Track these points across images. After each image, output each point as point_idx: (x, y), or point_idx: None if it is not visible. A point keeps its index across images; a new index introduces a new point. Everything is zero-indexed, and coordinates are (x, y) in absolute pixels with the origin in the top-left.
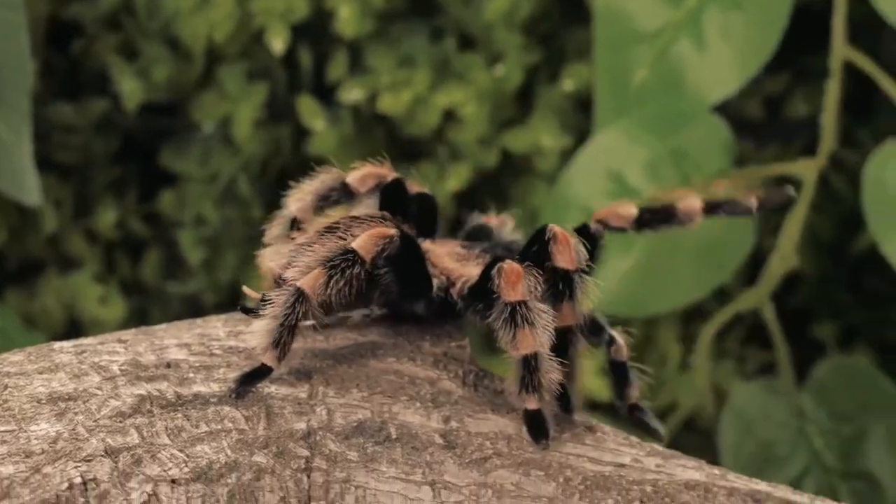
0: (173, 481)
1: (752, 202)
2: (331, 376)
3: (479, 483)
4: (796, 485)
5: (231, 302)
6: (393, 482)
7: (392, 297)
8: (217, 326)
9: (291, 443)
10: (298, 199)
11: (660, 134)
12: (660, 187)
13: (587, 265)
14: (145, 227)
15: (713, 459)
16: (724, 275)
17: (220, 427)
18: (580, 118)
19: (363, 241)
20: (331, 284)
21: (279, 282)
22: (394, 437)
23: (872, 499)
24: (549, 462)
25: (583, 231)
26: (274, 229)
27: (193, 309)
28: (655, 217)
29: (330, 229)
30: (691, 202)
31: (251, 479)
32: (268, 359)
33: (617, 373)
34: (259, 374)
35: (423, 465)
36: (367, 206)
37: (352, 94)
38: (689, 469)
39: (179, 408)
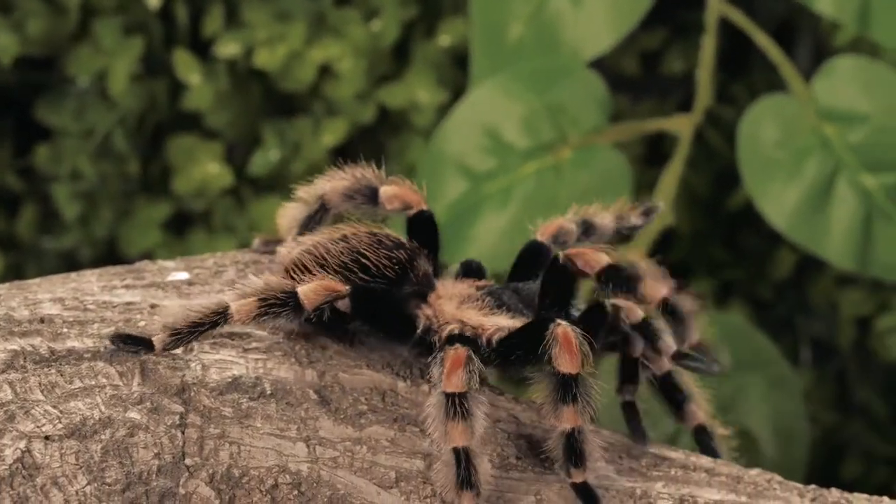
0: (47, 438)
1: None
2: None
3: (354, 439)
4: (673, 441)
5: (107, 257)
6: (268, 438)
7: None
8: (91, 281)
9: (166, 399)
10: (330, 181)
11: (536, 89)
12: (535, 143)
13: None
14: (20, 181)
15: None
16: None
17: (94, 383)
18: (457, 73)
19: (308, 290)
20: (261, 318)
21: (289, 271)
22: (268, 392)
23: (749, 455)
24: (424, 418)
25: (554, 264)
26: (302, 192)
27: (69, 264)
28: (617, 282)
29: (343, 239)
30: (657, 288)
31: (125, 435)
32: (158, 340)
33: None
34: (139, 343)
35: (297, 421)
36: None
37: (228, 48)
38: None
39: (53, 363)
